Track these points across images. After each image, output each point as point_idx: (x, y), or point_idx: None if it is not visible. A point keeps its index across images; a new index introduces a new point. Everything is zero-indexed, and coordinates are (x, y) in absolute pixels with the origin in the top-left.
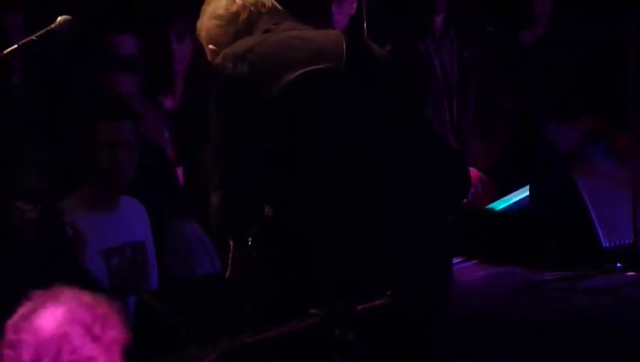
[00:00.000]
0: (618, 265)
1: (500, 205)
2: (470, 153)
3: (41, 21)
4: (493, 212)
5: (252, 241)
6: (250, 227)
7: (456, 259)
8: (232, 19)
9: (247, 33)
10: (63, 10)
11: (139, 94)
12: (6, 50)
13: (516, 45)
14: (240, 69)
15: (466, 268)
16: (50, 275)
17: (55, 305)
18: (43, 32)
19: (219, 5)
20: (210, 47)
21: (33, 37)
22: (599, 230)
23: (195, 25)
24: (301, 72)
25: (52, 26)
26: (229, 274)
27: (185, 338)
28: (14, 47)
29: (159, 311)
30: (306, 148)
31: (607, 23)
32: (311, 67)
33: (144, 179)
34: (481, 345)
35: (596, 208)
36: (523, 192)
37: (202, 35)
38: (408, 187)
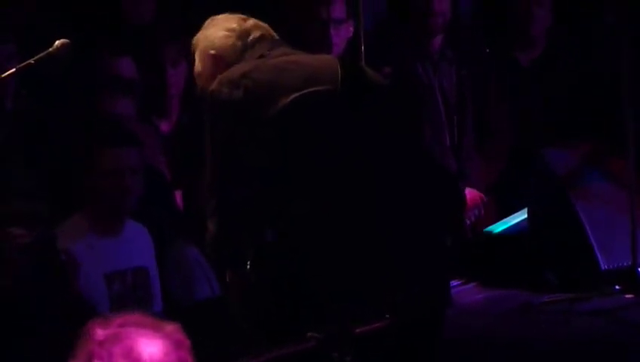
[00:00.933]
0: (616, 287)
1: (499, 228)
2: (470, 174)
3: (33, 49)
4: (491, 234)
5: (250, 265)
6: (247, 252)
7: (455, 282)
8: (244, 34)
9: (250, 51)
10: (53, 35)
11: (137, 118)
12: (4, 74)
13: (513, 66)
14: (236, 94)
15: (465, 291)
16: (43, 300)
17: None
18: (41, 55)
19: (231, 20)
20: (211, 52)
21: (31, 60)
22: (597, 252)
23: (189, 50)
24: (297, 95)
25: (50, 49)
26: (229, 297)
27: None
28: (12, 71)
29: None
30: (301, 164)
31: (602, 48)
32: (306, 90)
33: (144, 202)
34: None
35: (594, 230)
36: (521, 215)
37: (201, 44)
38: (403, 203)
